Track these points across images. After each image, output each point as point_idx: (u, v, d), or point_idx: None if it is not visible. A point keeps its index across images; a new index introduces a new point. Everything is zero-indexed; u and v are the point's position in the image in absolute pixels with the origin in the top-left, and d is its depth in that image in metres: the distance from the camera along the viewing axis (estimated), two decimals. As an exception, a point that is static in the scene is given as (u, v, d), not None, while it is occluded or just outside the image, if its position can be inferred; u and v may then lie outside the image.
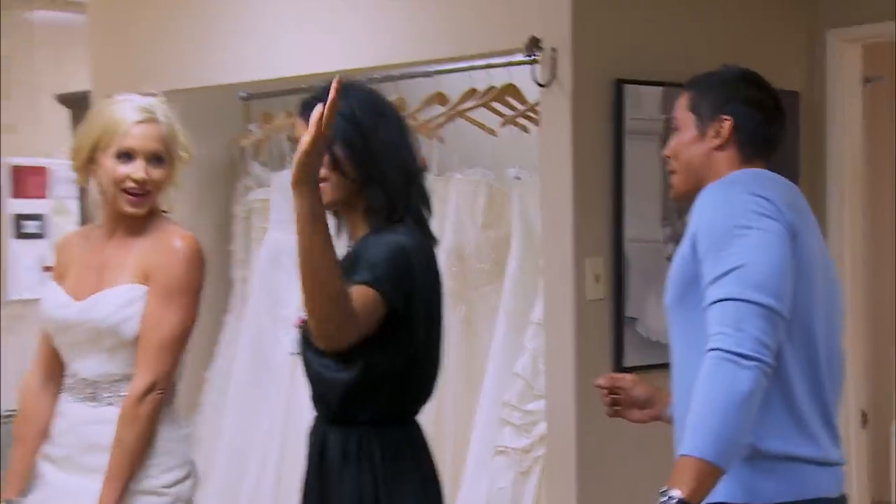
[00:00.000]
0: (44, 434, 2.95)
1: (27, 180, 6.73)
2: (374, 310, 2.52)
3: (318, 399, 2.71)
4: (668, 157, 2.58)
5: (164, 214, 2.97)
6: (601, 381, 2.72)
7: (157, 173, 2.87)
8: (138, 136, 2.86)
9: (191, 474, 2.94)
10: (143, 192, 2.86)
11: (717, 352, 2.20)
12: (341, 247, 2.74)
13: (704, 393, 2.19)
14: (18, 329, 6.73)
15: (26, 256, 6.73)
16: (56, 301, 2.92)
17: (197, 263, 2.89)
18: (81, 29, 6.51)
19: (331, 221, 2.74)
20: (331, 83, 2.43)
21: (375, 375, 2.61)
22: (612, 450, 3.43)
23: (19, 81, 6.68)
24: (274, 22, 4.28)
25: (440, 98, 4.13)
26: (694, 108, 2.51)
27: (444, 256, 3.99)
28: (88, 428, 2.87)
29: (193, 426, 2.99)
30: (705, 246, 2.31)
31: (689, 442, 2.19)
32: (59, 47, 6.83)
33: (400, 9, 3.88)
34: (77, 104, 5.40)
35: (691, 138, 2.51)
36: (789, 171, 3.69)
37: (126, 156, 2.85)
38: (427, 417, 3.93)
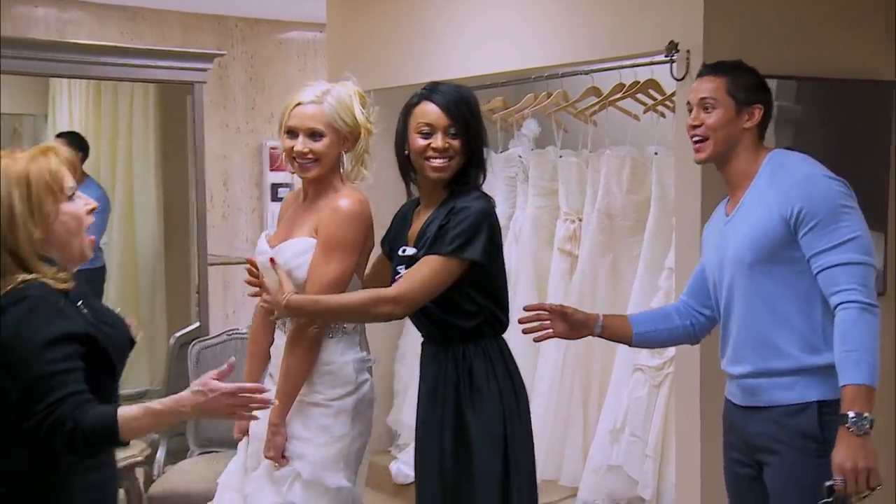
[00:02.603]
0: (267, 352, 2.88)
1: (280, 158, 6.87)
2: (448, 273, 2.59)
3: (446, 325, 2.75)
4: (697, 127, 2.47)
5: (345, 181, 2.78)
6: (534, 307, 2.70)
7: (317, 146, 2.71)
8: (296, 116, 2.73)
9: (355, 392, 2.76)
10: (307, 161, 2.72)
11: (858, 304, 2.27)
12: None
13: (857, 335, 2.26)
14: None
15: (280, 215, 6.93)
16: (259, 247, 2.83)
17: (355, 222, 2.69)
18: (321, 43, 6.68)
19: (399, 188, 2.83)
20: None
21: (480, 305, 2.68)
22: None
23: (276, 83, 6.87)
24: (462, 33, 4.26)
25: (595, 91, 4.06)
26: (731, 93, 2.45)
27: (595, 215, 3.95)
28: (279, 351, 2.79)
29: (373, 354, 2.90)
30: (815, 220, 2.32)
31: (857, 374, 2.24)
32: (306, 58, 6.99)
33: (563, 20, 3.81)
34: (317, 99, 5.50)
35: (730, 118, 2.45)
36: (881, 157, 3.49)
37: (291, 133, 2.74)
38: (580, 343, 3.93)
